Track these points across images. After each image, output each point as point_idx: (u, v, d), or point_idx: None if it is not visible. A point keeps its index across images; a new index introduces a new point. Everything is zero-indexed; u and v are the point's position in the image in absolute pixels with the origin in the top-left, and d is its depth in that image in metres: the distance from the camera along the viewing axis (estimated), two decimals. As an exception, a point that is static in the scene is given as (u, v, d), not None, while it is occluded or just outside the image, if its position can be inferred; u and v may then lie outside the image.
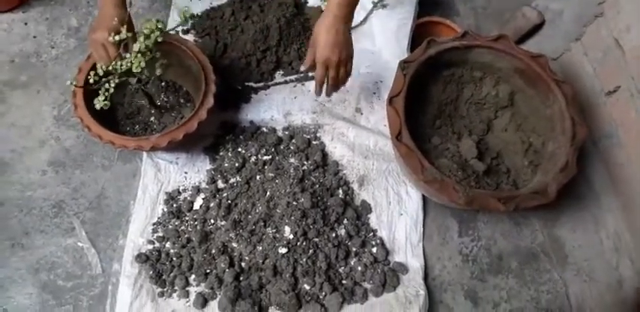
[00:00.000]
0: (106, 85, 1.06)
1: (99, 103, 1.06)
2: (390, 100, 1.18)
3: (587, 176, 1.29)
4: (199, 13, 1.55)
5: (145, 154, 1.34)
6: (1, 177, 1.32)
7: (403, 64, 1.22)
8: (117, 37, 1.02)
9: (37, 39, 1.52)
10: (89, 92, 1.16)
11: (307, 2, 1.59)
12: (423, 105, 1.34)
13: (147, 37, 1.02)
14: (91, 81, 1.06)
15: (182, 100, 1.36)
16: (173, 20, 1.55)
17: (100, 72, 1.04)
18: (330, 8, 1.10)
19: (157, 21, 1.03)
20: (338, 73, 1.17)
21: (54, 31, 1.53)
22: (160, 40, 1.03)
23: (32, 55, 1.49)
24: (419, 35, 1.54)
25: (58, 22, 1.56)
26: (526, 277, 1.28)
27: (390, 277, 1.20)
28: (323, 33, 1.11)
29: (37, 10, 1.57)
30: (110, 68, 1.04)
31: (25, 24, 1.54)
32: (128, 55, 1.05)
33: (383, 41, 1.54)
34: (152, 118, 1.33)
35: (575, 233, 1.29)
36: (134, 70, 1.04)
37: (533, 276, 1.29)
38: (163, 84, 1.35)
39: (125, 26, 1.02)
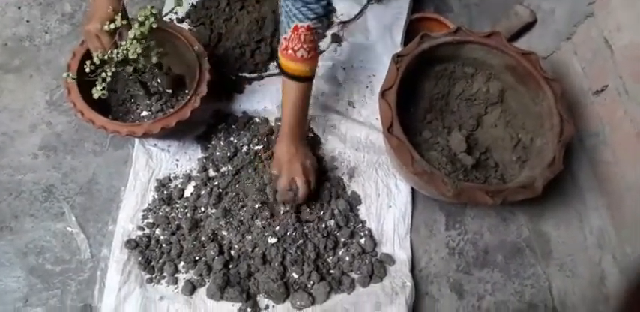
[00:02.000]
0: (103, 74, 1.06)
1: (96, 92, 1.06)
2: (383, 93, 1.19)
3: (573, 173, 1.31)
4: (195, 3, 1.56)
5: (137, 140, 1.34)
6: (-8, 160, 1.32)
7: (396, 58, 1.23)
8: (112, 26, 1.02)
9: (31, 23, 1.51)
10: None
11: (303, -5, 1.59)
12: (415, 99, 1.35)
13: (141, 24, 1.02)
14: (87, 70, 1.06)
15: (176, 88, 1.36)
16: (168, 8, 1.54)
17: (97, 61, 1.04)
18: (284, 131, 1.21)
19: (152, 8, 1.03)
20: (307, 182, 1.21)
21: (47, 16, 1.53)
22: (154, 26, 1.03)
23: (25, 39, 1.49)
24: (412, 31, 1.56)
25: (52, 7, 1.55)
26: (511, 271, 1.31)
27: (377, 267, 1.22)
28: (284, 151, 1.21)
29: (31, -6, 1.56)
30: (106, 57, 1.04)
31: (19, 8, 1.54)
32: (124, 43, 1.05)
33: (377, 36, 1.55)
34: (145, 105, 1.33)
35: (560, 229, 1.32)
36: (130, 57, 1.04)
37: (517, 270, 1.31)
38: (157, 71, 1.35)
39: (119, 14, 1.02)
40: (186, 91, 1.33)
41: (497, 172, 1.28)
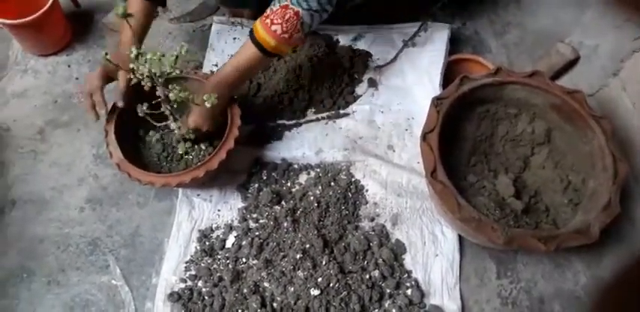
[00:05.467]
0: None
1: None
2: (424, 136, 1.17)
3: (630, 215, 1.24)
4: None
5: (180, 191, 1.36)
6: (42, 214, 1.35)
7: (436, 101, 1.22)
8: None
9: (79, 80, 1.58)
10: (121, 135, 1.23)
11: (339, 42, 1.62)
12: (457, 142, 1.32)
13: (178, 95, 1.08)
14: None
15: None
16: (208, 60, 1.59)
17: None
18: (211, 81, 1.20)
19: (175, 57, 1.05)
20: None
21: (95, 73, 1.59)
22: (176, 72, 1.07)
23: (74, 96, 1.55)
24: (451, 72, 1.54)
25: (99, 64, 1.62)
26: (570, 321, 1.22)
27: (426, 320, 1.16)
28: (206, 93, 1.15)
29: (80, 53, 1.64)
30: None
31: (69, 66, 1.61)
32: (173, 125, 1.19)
33: (414, 78, 1.54)
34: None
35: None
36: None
37: (577, 320, 1.22)
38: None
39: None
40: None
41: (548, 216, 1.22)
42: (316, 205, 1.31)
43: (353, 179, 1.38)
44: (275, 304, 1.18)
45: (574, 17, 1.50)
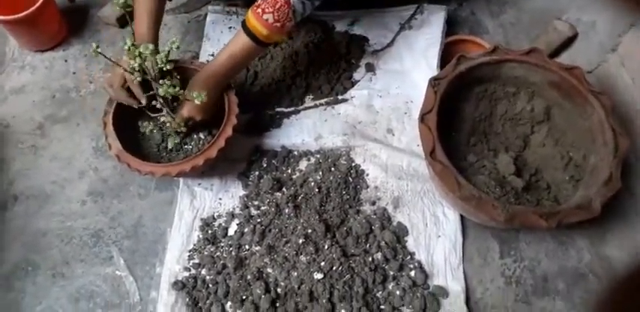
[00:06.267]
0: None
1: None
2: (422, 118, 1.17)
3: (632, 191, 1.23)
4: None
5: (181, 181, 1.36)
6: (44, 208, 1.36)
7: (433, 81, 1.21)
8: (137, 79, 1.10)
9: (77, 75, 1.58)
10: (120, 126, 1.22)
11: (335, 27, 1.61)
12: (456, 122, 1.31)
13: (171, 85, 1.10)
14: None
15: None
16: (205, 51, 1.59)
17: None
18: (205, 73, 1.20)
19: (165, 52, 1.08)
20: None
21: (92, 67, 1.59)
22: (169, 67, 1.08)
23: (72, 90, 1.55)
24: (448, 54, 1.53)
25: (97, 57, 1.61)
26: (575, 299, 1.21)
27: (430, 301, 1.16)
28: (199, 83, 1.19)
29: (77, 47, 1.64)
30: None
31: (65, 61, 1.61)
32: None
33: (411, 62, 1.53)
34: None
35: (624, 251, 1.22)
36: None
37: (582, 298, 1.21)
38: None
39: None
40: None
41: (549, 193, 1.21)
42: (317, 190, 1.31)
43: (353, 164, 1.38)
44: (279, 290, 1.18)
45: (570, -6, 1.48)
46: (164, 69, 1.08)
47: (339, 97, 1.49)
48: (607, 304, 1.18)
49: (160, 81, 1.09)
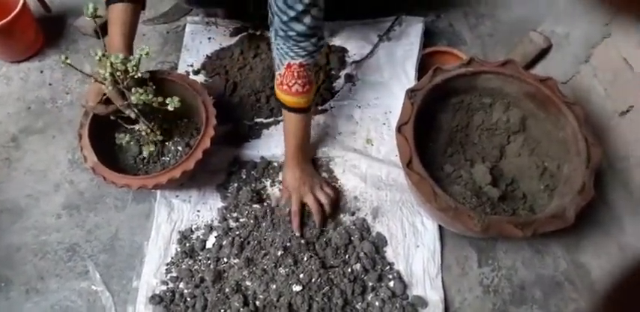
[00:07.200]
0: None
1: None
2: (399, 128, 1.17)
3: (606, 199, 1.24)
4: (209, 54, 1.59)
5: (158, 193, 1.34)
6: (18, 223, 1.33)
7: (410, 93, 1.22)
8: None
9: (53, 86, 1.57)
10: (96, 138, 1.21)
11: (313, 38, 1.61)
12: (433, 133, 1.32)
13: (143, 92, 1.10)
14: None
15: (192, 134, 1.36)
16: (183, 61, 1.58)
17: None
18: (288, 158, 1.28)
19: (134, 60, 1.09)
20: (317, 200, 1.26)
21: (68, 78, 1.58)
22: (139, 75, 1.09)
23: (48, 102, 1.53)
24: (426, 65, 1.55)
25: (73, 69, 1.60)
26: (551, 307, 1.22)
27: (409, 311, 1.16)
28: (289, 175, 1.27)
29: (53, 58, 1.62)
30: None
31: (41, 72, 1.60)
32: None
33: (390, 72, 1.54)
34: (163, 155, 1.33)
35: (600, 259, 1.24)
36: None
37: (558, 306, 1.22)
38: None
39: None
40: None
41: (525, 203, 1.23)
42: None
43: (332, 174, 1.38)
44: (258, 302, 1.17)
45: (547, 6, 1.51)
46: (135, 77, 1.08)
47: (319, 108, 1.49)
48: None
49: (133, 89, 1.08)
